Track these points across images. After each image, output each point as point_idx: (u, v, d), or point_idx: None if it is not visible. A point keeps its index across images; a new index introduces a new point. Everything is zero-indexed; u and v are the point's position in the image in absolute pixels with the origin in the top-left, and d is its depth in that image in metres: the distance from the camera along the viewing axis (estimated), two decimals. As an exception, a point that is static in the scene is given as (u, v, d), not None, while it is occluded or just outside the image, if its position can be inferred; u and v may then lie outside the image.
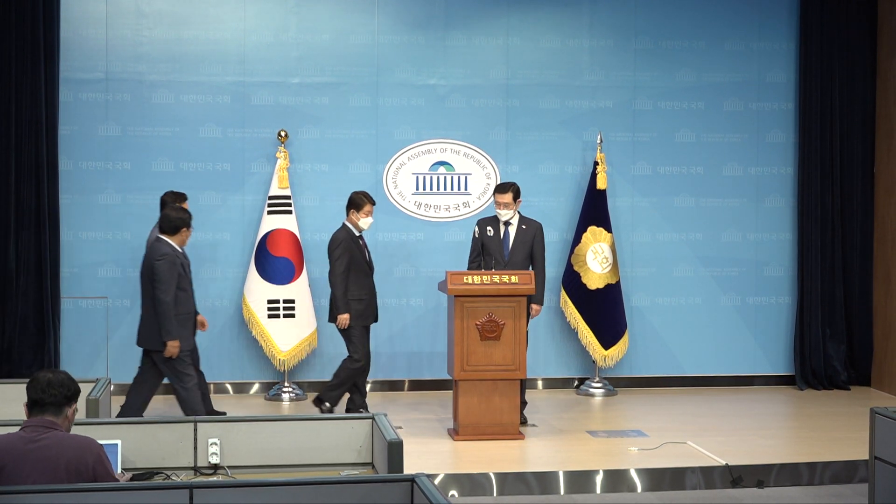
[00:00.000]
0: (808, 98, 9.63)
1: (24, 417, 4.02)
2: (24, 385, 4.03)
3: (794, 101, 9.74)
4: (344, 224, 8.00)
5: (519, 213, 8.13)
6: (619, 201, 9.54)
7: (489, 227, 8.08)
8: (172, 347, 7.04)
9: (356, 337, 7.91)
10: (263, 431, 4.76)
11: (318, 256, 9.14)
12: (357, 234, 7.98)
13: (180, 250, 7.20)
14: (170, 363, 7.10)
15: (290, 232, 8.90)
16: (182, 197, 8.22)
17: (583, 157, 9.52)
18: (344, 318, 7.83)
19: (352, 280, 7.91)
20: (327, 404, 7.87)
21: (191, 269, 7.36)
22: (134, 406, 7.19)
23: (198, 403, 7.16)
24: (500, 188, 8.12)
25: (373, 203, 8.02)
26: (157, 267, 7.07)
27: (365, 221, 7.97)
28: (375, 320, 8.12)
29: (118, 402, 7.34)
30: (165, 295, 7.03)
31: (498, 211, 8.07)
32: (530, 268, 7.99)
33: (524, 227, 8.07)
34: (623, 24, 9.56)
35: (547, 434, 7.85)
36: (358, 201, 7.96)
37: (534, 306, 7.97)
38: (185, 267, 7.22)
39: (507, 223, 8.08)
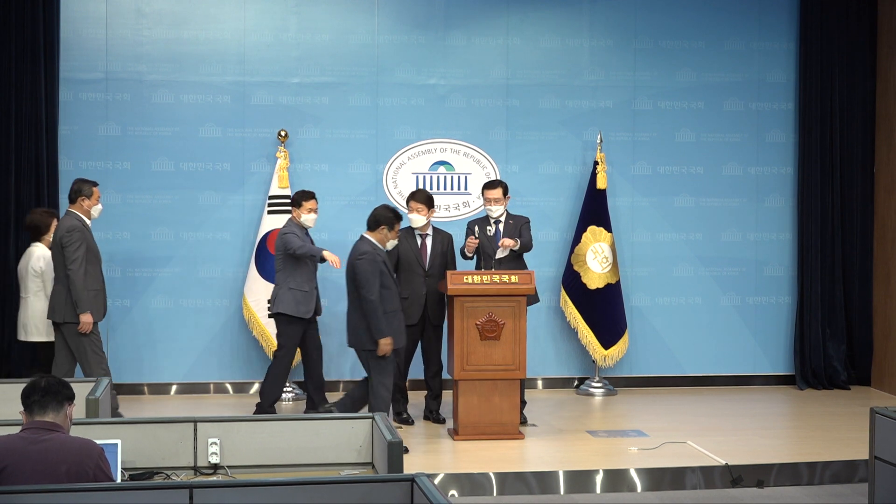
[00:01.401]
0: (808, 98, 9.63)
1: (24, 419, 4.02)
2: (24, 385, 4.03)
3: (794, 101, 9.74)
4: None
5: (507, 210, 8.14)
6: (619, 201, 9.54)
7: (488, 228, 8.08)
8: (385, 345, 7.06)
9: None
10: (263, 431, 4.76)
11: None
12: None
13: (381, 248, 7.18)
14: (375, 364, 7.14)
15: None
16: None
17: (583, 157, 9.52)
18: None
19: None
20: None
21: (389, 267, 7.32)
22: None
23: (387, 404, 7.18)
24: (490, 184, 8.14)
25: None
26: (358, 266, 7.06)
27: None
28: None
29: (119, 401, 7.34)
30: (370, 294, 7.01)
31: (488, 207, 8.07)
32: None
33: (511, 222, 8.09)
34: (623, 24, 9.56)
35: (547, 434, 7.85)
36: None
37: (508, 240, 7.89)
38: (386, 264, 7.19)
39: (497, 221, 8.07)
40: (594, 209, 9.29)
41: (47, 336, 7.77)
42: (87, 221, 7.62)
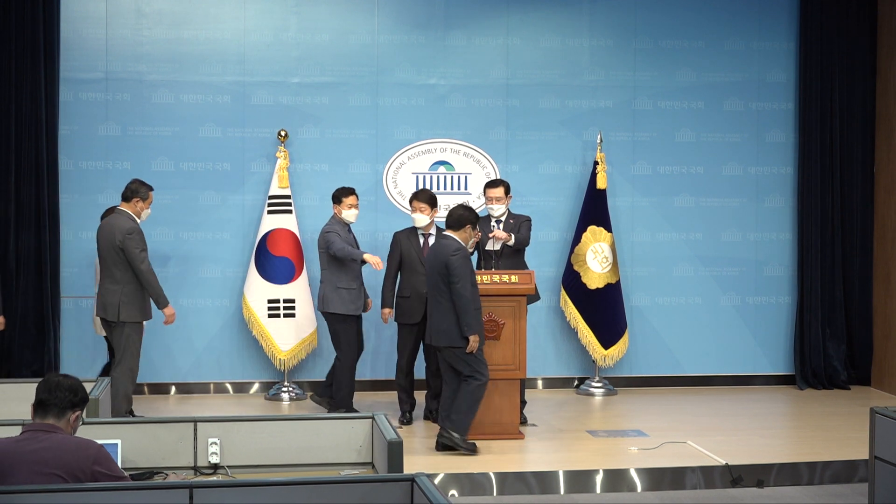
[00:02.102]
0: (808, 98, 9.63)
1: (28, 417, 4.01)
2: (24, 385, 4.04)
3: (794, 101, 9.74)
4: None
5: (508, 209, 8.14)
6: (619, 201, 9.54)
7: (494, 225, 8.08)
8: (475, 342, 7.09)
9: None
10: (263, 431, 4.76)
11: (318, 256, 9.15)
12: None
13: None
14: (470, 357, 7.13)
15: (290, 231, 8.90)
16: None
17: (583, 157, 9.52)
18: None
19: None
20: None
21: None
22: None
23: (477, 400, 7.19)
24: (491, 183, 8.17)
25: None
26: (453, 262, 7.05)
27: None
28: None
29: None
30: (465, 290, 7.04)
31: (490, 206, 8.09)
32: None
33: (511, 220, 8.09)
34: (623, 23, 9.56)
35: (547, 434, 7.85)
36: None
37: (501, 233, 7.92)
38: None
39: (498, 220, 8.08)
40: (594, 209, 9.29)
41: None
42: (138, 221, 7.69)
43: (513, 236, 7.94)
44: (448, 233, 7.22)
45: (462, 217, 7.23)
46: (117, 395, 7.24)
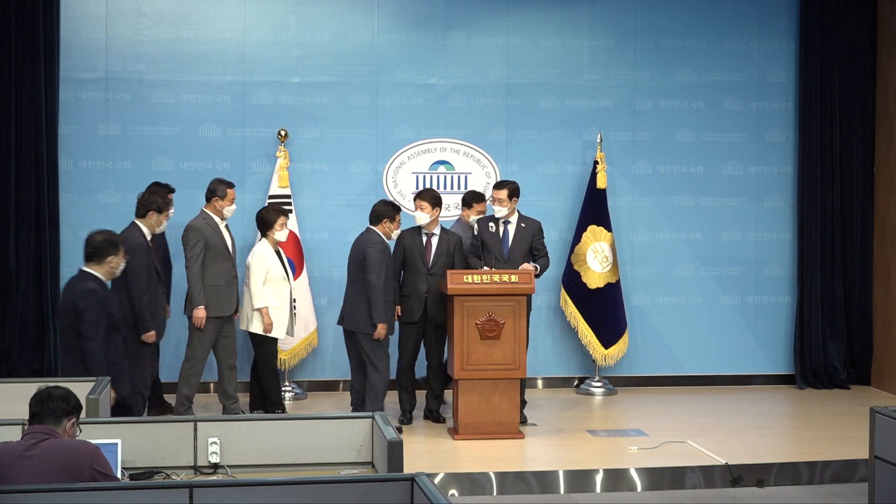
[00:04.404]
0: (808, 98, 9.63)
1: (25, 417, 4.02)
2: (24, 385, 4.04)
3: (794, 101, 9.74)
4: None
5: (519, 212, 8.15)
6: (619, 200, 9.54)
7: (490, 224, 8.09)
8: (382, 330, 7.67)
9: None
10: (263, 431, 4.76)
11: (319, 256, 9.16)
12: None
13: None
14: (375, 345, 7.74)
15: (290, 231, 8.88)
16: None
17: (582, 157, 9.52)
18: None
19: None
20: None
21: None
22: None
23: (380, 390, 7.78)
24: (498, 185, 8.20)
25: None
26: (370, 253, 7.70)
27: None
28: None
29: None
30: (377, 280, 7.67)
31: (493, 207, 8.10)
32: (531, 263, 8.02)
33: (523, 225, 8.09)
34: (623, 23, 9.56)
35: (547, 433, 7.86)
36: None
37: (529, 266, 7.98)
38: (390, 257, 7.90)
39: (506, 222, 8.09)
40: (594, 209, 9.29)
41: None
42: (217, 220, 7.98)
43: (538, 268, 7.98)
44: (371, 227, 7.86)
45: (380, 212, 7.90)
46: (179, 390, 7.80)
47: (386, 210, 7.91)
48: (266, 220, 8.01)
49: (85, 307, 5.82)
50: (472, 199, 8.44)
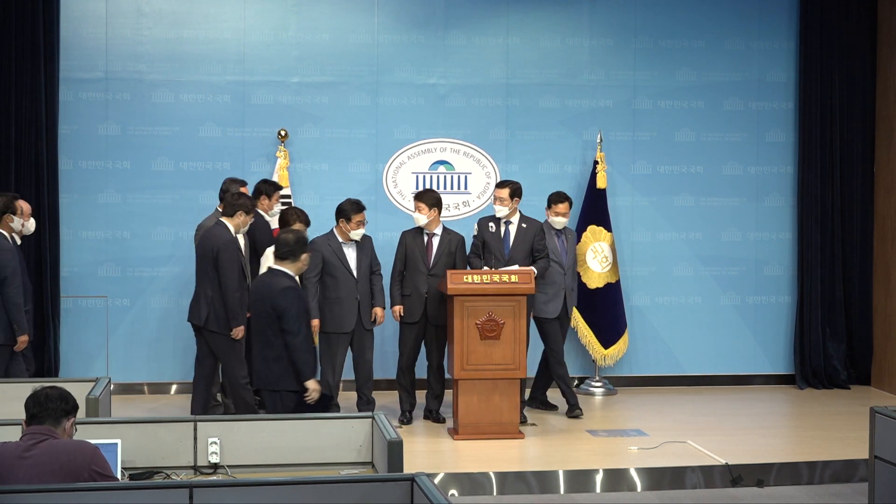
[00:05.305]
0: (808, 98, 9.63)
1: (23, 418, 4.02)
2: (24, 384, 4.03)
3: (794, 101, 9.74)
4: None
5: (520, 212, 8.15)
6: (619, 200, 9.54)
7: (491, 224, 8.10)
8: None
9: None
10: (263, 431, 4.76)
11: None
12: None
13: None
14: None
15: (290, 231, 8.89)
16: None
17: (583, 157, 9.52)
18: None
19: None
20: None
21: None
22: None
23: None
24: (500, 184, 8.22)
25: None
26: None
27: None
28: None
29: (119, 400, 7.34)
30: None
31: (494, 206, 8.11)
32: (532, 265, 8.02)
33: (524, 225, 8.10)
34: (623, 23, 9.56)
35: (547, 433, 7.85)
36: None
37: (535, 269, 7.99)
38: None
39: (507, 222, 8.09)
40: (594, 209, 9.29)
41: None
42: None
43: (536, 270, 7.97)
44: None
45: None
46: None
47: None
48: (287, 220, 8.00)
49: (287, 305, 5.97)
50: (554, 200, 8.38)
